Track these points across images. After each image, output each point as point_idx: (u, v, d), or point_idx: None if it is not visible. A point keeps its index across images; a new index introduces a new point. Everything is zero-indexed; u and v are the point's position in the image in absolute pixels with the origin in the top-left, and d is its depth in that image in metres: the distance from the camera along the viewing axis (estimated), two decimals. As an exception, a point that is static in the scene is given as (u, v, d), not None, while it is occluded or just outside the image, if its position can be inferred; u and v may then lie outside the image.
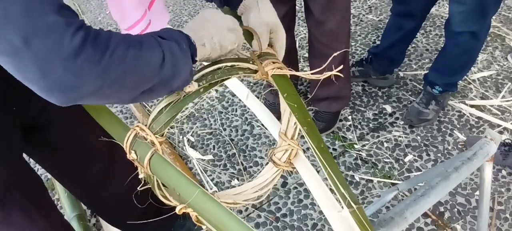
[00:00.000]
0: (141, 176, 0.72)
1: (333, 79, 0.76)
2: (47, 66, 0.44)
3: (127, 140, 0.66)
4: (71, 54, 0.44)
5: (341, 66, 0.73)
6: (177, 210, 0.69)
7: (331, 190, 0.69)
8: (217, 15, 0.68)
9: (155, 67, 0.54)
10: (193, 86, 0.66)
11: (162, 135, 0.67)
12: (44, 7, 0.44)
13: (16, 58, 0.43)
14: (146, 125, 0.67)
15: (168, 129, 0.67)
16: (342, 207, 0.66)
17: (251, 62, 0.72)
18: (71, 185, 1.08)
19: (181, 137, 1.85)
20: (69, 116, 0.89)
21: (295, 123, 0.75)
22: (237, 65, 0.71)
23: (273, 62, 0.74)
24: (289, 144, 0.77)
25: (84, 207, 1.51)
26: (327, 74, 0.74)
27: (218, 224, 0.62)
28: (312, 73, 0.75)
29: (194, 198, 0.62)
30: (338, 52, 0.81)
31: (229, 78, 0.70)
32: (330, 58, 0.77)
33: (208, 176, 1.66)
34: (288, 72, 0.75)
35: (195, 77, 0.67)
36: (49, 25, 0.43)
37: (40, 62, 0.44)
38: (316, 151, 0.68)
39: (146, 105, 2.04)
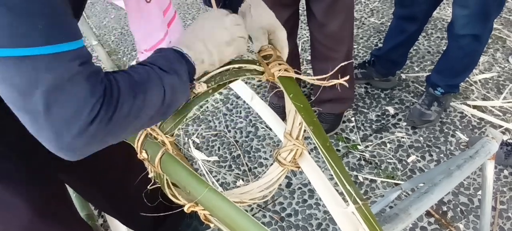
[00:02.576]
0: (150, 175, 0.74)
1: (338, 82, 0.78)
2: (62, 133, 0.46)
3: (138, 140, 0.69)
4: (86, 124, 0.46)
5: (348, 77, 0.74)
6: (185, 209, 0.71)
7: (336, 188, 0.71)
8: (216, 25, 0.66)
9: (157, 106, 0.56)
10: (202, 88, 0.68)
11: (172, 135, 0.69)
12: (76, 78, 0.45)
13: (35, 120, 0.45)
14: (156, 126, 0.69)
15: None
16: (348, 204, 0.67)
17: (257, 64, 0.74)
18: (90, 193, 1.09)
19: (186, 138, 1.88)
20: None
21: (300, 123, 0.77)
22: (245, 67, 0.73)
23: (279, 64, 0.75)
24: (294, 144, 0.78)
25: (92, 207, 1.54)
26: (333, 82, 0.75)
27: (228, 220, 0.63)
28: (318, 79, 0.76)
29: (204, 196, 0.64)
30: (344, 63, 0.82)
31: (237, 79, 0.72)
32: (338, 67, 0.78)
33: (213, 177, 1.68)
34: (294, 74, 0.76)
35: (204, 78, 0.69)
36: (74, 94, 0.45)
37: (56, 129, 0.46)
38: (323, 149, 0.70)
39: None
